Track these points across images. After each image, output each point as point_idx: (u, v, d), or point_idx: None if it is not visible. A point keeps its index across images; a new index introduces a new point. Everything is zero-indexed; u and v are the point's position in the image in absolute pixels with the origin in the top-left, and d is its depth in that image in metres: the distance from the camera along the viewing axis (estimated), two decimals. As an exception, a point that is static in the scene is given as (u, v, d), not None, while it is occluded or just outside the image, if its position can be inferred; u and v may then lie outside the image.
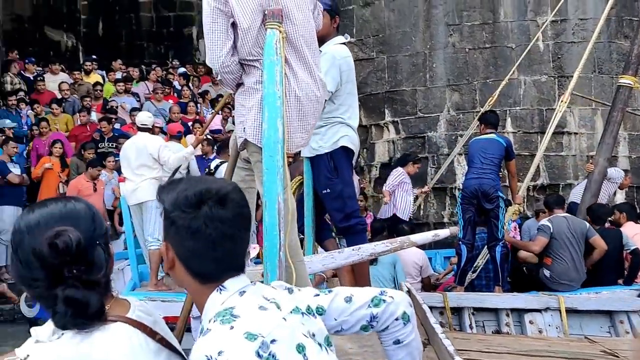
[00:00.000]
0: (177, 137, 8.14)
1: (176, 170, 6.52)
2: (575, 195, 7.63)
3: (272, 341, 1.18)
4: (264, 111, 2.50)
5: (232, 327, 1.18)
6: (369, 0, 10.37)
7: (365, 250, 3.52)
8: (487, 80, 9.65)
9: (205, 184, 1.32)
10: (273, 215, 2.41)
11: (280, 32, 2.51)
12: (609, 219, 6.55)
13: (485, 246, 6.11)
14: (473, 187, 5.91)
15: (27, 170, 8.80)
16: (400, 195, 7.89)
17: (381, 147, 10.37)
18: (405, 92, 10.11)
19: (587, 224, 5.93)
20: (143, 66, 13.67)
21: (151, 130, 6.66)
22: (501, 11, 9.76)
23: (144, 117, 6.76)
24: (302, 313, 1.34)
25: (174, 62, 14.78)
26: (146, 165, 6.20)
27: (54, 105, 10.08)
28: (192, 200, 1.26)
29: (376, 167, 10.38)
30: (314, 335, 1.31)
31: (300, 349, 1.23)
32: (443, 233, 4.13)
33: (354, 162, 3.96)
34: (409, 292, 4.48)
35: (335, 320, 1.46)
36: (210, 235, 1.25)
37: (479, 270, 6.14)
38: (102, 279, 1.26)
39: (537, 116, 9.64)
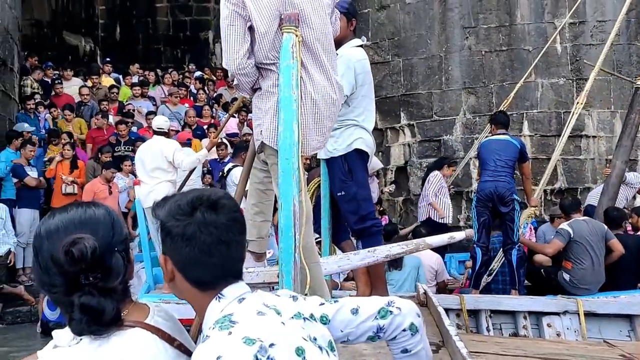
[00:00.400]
0: (187, 144, 8.21)
1: (190, 173, 6.57)
2: (593, 198, 7.53)
3: (271, 345, 1.18)
4: (279, 114, 2.52)
5: (230, 333, 1.18)
6: (384, 3, 10.35)
7: (381, 252, 3.52)
8: (504, 83, 9.58)
9: (197, 192, 1.34)
10: (288, 217, 2.42)
11: (296, 36, 2.53)
12: (628, 222, 6.44)
13: (501, 250, 6.04)
14: (488, 190, 5.83)
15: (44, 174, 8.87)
16: (440, 200, 7.87)
17: (397, 150, 10.33)
18: (421, 95, 10.07)
19: (606, 227, 5.84)
20: (158, 70, 13.72)
21: (167, 134, 6.72)
22: (518, 13, 9.69)
23: (161, 121, 6.81)
24: (304, 318, 1.34)
25: (190, 66, 14.85)
26: (161, 169, 6.25)
27: (67, 112, 10.09)
28: (185, 208, 1.28)
29: (392, 170, 10.33)
30: (315, 339, 1.31)
31: (300, 352, 1.22)
32: (459, 235, 4.10)
33: (369, 164, 3.94)
34: (425, 293, 4.47)
35: (342, 331, 1.46)
36: (205, 241, 1.26)
37: (494, 273, 6.07)
38: (119, 286, 1.27)
39: (554, 119, 9.54)
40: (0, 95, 9.07)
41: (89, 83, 11.67)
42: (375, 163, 8.40)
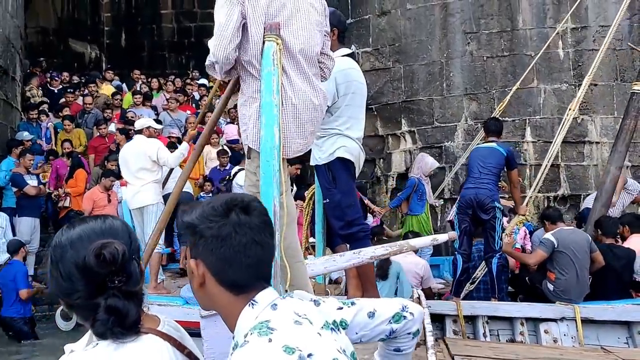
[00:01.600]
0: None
1: (171, 171, 6.64)
2: (589, 202, 7.46)
3: (309, 355, 1.19)
4: (261, 118, 2.67)
5: (270, 340, 1.18)
6: (385, 9, 10.30)
7: (366, 253, 3.63)
8: (506, 89, 9.45)
9: (229, 195, 1.37)
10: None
11: (277, 44, 2.67)
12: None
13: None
14: (469, 196, 5.78)
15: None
16: None
17: (398, 157, 10.26)
18: (422, 101, 10.00)
19: (590, 238, 5.80)
20: (160, 78, 13.75)
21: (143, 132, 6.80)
22: (519, 18, 9.60)
23: (141, 121, 7.06)
24: (332, 329, 1.37)
25: (193, 73, 14.87)
26: (146, 169, 6.35)
27: (66, 122, 10.12)
28: (219, 209, 1.31)
29: (393, 177, 10.27)
30: (344, 350, 1.33)
31: None
32: (442, 238, 4.26)
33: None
34: (418, 298, 4.54)
35: (357, 334, 1.52)
36: (241, 241, 1.29)
37: (477, 281, 6.03)
38: (140, 291, 1.34)
39: (557, 125, 9.33)
40: (1, 104, 9.11)
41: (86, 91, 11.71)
42: (431, 163, 8.45)
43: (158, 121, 8.52)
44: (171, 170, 6.72)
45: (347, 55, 3.92)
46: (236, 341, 1.27)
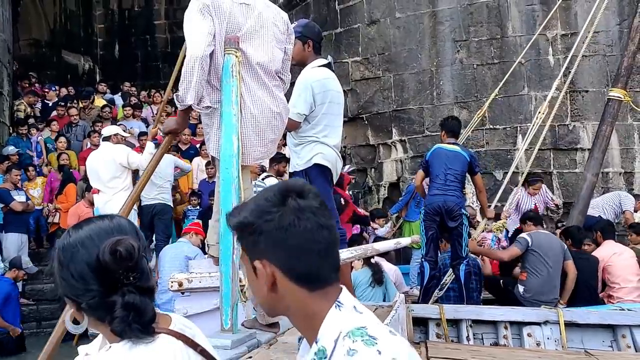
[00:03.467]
0: None
1: (137, 172, 6.69)
2: (592, 209, 7.44)
3: None
4: (220, 127, 2.81)
5: (379, 352, 1.09)
6: (374, 18, 10.26)
7: None
8: (496, 97, 9.39)
9: (280, 184, 1.25)
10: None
11: (236, 57, 2.81)
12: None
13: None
14: (437, 204, 5.73)
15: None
16: None
17: (389, 166, 10.19)
18: (412, 110, 9.95)
19: (565, 245, 5.80)
20: (153, 90, 13.71)
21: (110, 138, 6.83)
22: (509, 26, 9.55)
23: (108, 129, 7.15)
24: None
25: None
26: (116, 177, 6.44)
27: (61, 139, 10.01)
28: (274, 199, 1.18)
29: (384, 186, 10.20)
30: None
31: None
32: (404, 241, 4.38)
33: (333, 177, 3.96)
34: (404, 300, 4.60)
35: None
36: (306, 227, 1.16)
37: (445, 288, 5.99)
38: (153, 287, 1.34)
39: (548, 132, 9.33)
40: (-12, 119, 9.07)
41: (80, 105, 11.66)
42: None
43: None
44: (137, 171, 6.74)
45: (324, 65, 3.93)
46: (321, 346, 1.15)
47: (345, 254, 3.65)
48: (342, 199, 7.54)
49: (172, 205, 8.32)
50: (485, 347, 4.94)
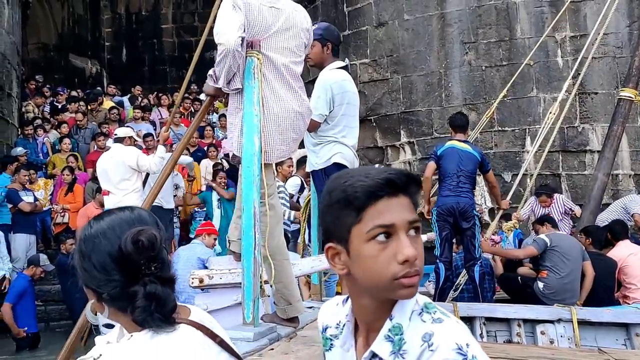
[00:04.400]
0: None
1: (147, 177, 6.70)
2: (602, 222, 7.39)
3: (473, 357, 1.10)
4: (242, 127, 2.92)
5: (457, 322, 1.14)
6: (382, 20, 10.25)
7: None
8: (505, 99, 9.37)
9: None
10: (249, 218, 2.77)
11: (258, 59, 2.93)
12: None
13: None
14: (450, 204, 5.71)
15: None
16: None
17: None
18: (421, 112, 9.93)
19: (583, 246, 5.76)
20: (161, 93, 13.76)
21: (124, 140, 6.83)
22: (518, 28, 9.54)
23: (121, 130, 7.11)
24: None
25: (192, 87, 14.84)
26: (126, 179, 6.41)
27: (66, 140, 9.98)
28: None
29: (393, 189, 10.16)
30: None
31: None
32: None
33: None
34: None
35: None
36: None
37: (460, 288, 5.96)
38: (174, 277, 1.34)
39: (557, 134, 9.30)
40: (-3, 120, 9.09)
41: (88, 107, 11.69)
42: None
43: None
44: (147, 176, 6.74)
45: (341, 67, 4.03)
46: (396, 323, 1.14)
47: None
48: None
49: (172, 208, 8.31)
50: (499, 344, 4.92)
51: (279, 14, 3.04)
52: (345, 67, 4.06)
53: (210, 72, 3.07)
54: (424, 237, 4.79)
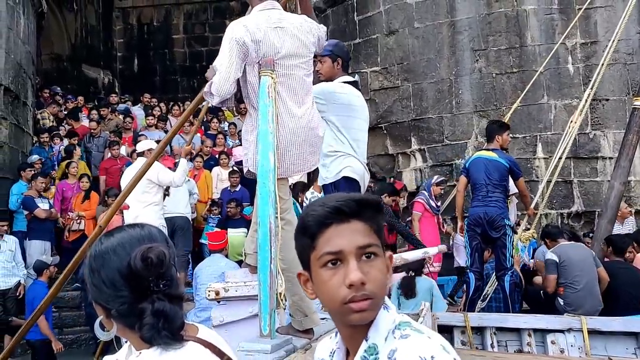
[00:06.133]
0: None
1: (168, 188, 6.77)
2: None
3: None
4: (258, 144, 2.96)
5: (429, 337, 1.15)
6: (392, 28, 10.32)
7: None
8: (517, 106, 9.40)
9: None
10: (265, 233, 2.79)
11: (272, 78, 2.97)
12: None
13: (494, 274, 5.92)
14: (478, 214, 5.74)
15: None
16: None
17: (408, 175, 10.20)
18: (432, 119, 9.96)
19: (593, 252, 5.72)
20: (172, 102, 13.87)
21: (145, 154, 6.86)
22: (528, 35, 9.57)
23: (142, 144, 7.15)
24: None
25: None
26: (146, 192, 6.48)
27: (77, 149, 10.03)
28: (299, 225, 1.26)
29: (403, 196, 10.17)
30: None
31: None
32: (432, 251, 4.33)
33: (362, 190, 4.03)
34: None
35: None
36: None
37: (488, 298, 5.93)
38: (182, 295, 1.34)
39: (568, 141, 9.31)
40: (13, 128, 9.19)
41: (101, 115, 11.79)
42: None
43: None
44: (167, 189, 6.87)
45: (350, 82, 4.08)
46: (372, 344, 1.18)
47: None
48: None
49: (189, 218, 8.38)
50: (510, 354, 4.95)
51: (284, 34, 3.09)
52: (354, 83, 4.10)
53: (204, 90, 3.19)
54: (435, 250, 4.78)
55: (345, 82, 4.02)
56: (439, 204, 8.20)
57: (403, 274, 6.01)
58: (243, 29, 3.00)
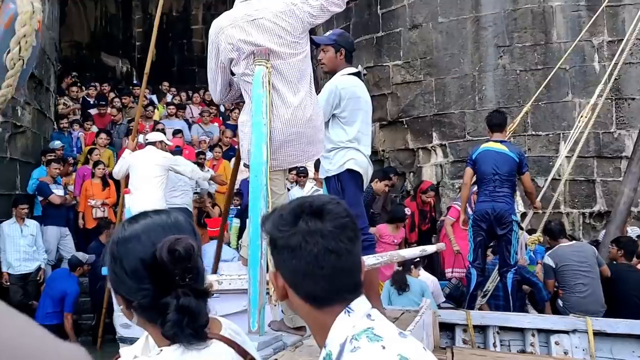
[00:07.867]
0: (178, 152, 8.59)
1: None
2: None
3: None
4: (251, 136, 2.88)
5: (383, 347, 1.10)
6: (416, 22, 10.25)
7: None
8: (539, 103, 9.31)
9: (300, 200, 1.24)
10: (256, 227, 2.71)
11: (267, 68, 2.91)
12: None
13: (495, 270, 5.86)
14: (485, 210, 5.60)
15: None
16: None
17: (428, 170, 10.14)
18: (454, 115, 9.89)
19: (596, 251, 5.65)
20: (190, 91, 13.90)
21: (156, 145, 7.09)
22: (554, 32, 9.47)
23: (153, 135, 7.36)
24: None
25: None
26: (157, 176, 6.62)
27: (102, 135, 9.94)
28: (287, 217, 1.20)
29: (423, 191, 10.12)
30: None
31: None
32: (430, 249, 4.39)
33: (365, 184, 4.01)
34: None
35: None
36: (312, 251, 1.16)
37: (488, 295, 5.87)
38: (208, 290, 1.27)
39: (592, 140, 9.22)
40: (36, 114, 9.23)
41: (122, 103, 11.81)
42: None
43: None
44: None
45: (354, 74, 4.02)
46: (328, 351, 1.16)
47: (371, 260, 3.69)
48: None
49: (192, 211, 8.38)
50: (512, 354, 4.90)
51: (261, 26, 3.02)
52: (358, 74, 4.04)
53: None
54: (434, 247, 4.75)
55: (348, 74, 3.96)
56: None
57: (395, 269, 6.01)
58: (217, 31, 3.05)
